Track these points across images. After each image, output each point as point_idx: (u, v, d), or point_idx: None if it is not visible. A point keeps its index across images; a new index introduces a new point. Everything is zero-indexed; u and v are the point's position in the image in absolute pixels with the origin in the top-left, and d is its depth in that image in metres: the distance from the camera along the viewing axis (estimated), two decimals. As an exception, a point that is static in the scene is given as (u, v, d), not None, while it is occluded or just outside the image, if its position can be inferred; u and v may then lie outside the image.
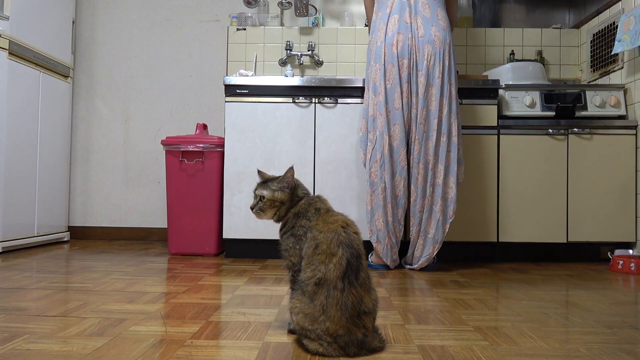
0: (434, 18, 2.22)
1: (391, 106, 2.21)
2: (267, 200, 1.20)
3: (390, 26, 2.22)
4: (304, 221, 1.16)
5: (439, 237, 2.22)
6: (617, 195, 2.57)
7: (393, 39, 2.20)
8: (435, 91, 2.19)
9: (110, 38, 3.39)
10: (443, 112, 2.20)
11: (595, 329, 1.29)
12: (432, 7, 2.23)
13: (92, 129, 3.37)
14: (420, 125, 2.19)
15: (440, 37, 2.19)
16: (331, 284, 1.04)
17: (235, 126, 2.57)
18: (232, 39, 3.30)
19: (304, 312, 1.06)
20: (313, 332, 1.05)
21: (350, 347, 1.04)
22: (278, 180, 1.23)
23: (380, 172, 2.22)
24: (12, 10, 2.60)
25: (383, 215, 2.22)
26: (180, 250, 2.65)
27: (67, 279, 1.90)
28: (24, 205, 2.74)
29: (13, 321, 1.28)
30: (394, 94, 2.20)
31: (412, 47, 2.19)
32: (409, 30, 2.20)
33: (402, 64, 2.19)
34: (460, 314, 1.44)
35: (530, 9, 3.37)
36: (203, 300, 1.57)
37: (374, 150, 2.24)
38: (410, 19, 2.21)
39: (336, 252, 1.06)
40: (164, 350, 1.06)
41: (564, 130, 2.59)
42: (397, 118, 2.21)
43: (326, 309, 1.03)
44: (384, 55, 2.21)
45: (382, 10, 2.28)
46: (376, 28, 2.28)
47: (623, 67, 2.71)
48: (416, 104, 2.20)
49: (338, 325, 1.03)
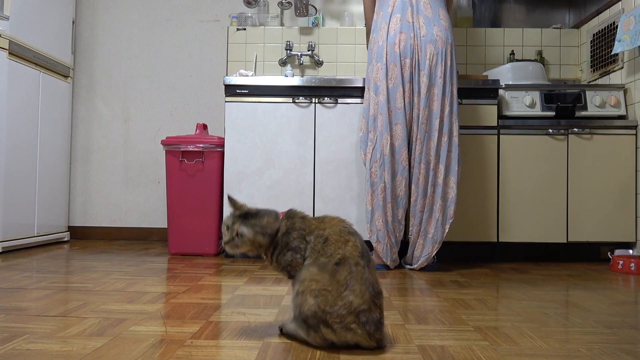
0: (436, 18, 2.22)
1: (393, 105, 2.21)
2: (247, 240, 1.13)
3: (393, 25, 2.22)
4: (296, 233, 1.14)
5: (439, 237, 2.22)
6: (617, 195, 2.57)
7: (395, 38, 2.19)
8: (438, 91, 2.19)
9: (110, 38, 3.39)
10: (445, 112, 2.20)
11: (595, 329, 1.29)
12: (434, 7, 2.23)
13: (92, 129, 3.37)
14: (422, 125, 2.19)
15: (442, 36, 2.20)
16: (352, 260, 1.06)
17: (235, 126, 2.57)
18: (232, 39, 3.30)
19: (326, 289, 1.03)
20: (333, 313, 1.02)
21: (371, 323, 1.04)
22: (260, 220, 1.13)
23: (380, 172, 2.22)
24: (12, 10, 2.60)
25: (383, 215, 2.22)
26: (180, 250, 2.65)
27: (67, 279, 1.90)
28: (24, 205, 2.74)
29: (13, 321, 1.28)
30: (396, 94, 2.20)
31: (414, 46, 2.19)
32: (411, 30, 2.20)
33: (404, 63, 2.19)
34: (460, 314, 1.44)
35: (530, 9, 3.37)
36: (203, 300, 1.57)
37: (374, 150, 2.23)
38: (413, 18, 2.21)
39: (349, 238, 1.10)
40: (164, 350, 1.06)
41: (564, 130, 2.59)
42: (399, 117, 2.20)
43: (350, 283, 1.03)
44: (386, 54, 2.21)
45: (384, 10, 2.27)
46: (378, 27, 2.28)
47: (623, 67, 2.71)
48: (418, 103, 2.20)
49: (362, 300, 1.03)
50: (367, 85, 2.32)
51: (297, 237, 1.13)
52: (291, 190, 2.56)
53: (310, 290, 1.05)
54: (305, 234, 1.14)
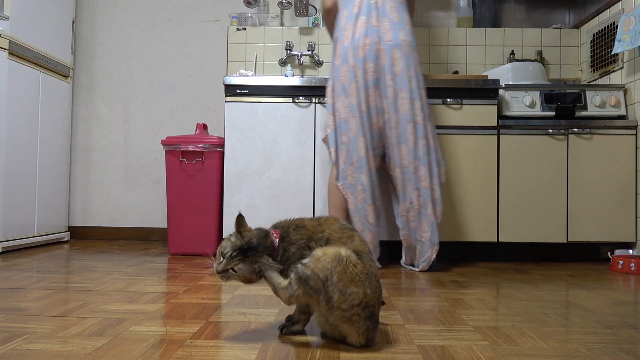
0: (402, 22, 2.20)
1: (360, 109, 2.19)
2: (241, 276, 1.10)
3: (358, 28, 2.19)
4: (294, 248, 1.10)
5: (436, 240, 2.21)
6: (617, 195, 2.57)
7: (359, 41, 2.17)
8: (406, 94, 2.17)
9: (110, 38, 3.39)
10: (418, 117, 2.18)
11: (595, 329, 1.29)
12: (400, 11, 2.21)
13: (92, 129, 3.37)
14: (393, 129, 2.19)
15: (408, 41, 2.18)
16: (367, 256, 1.05)
17: (235, 126, 2.57)
18: (232, 39, 3.30)
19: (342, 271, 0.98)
20: (345, 295, 0.98)
21: (372, 320, 1.04)
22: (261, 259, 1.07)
23: (358, 174, 2.19)
24: (12, 10, 2.60)
25: (363, 217, 2.21)
26: (180, 250, 2.65)
27: (67, 279, 1.90)
28: (24, 205, 2.74)
29: (13, 321, 1.28)
30: (361, 97, 2.18)
31: (378, 51, 2.17)
32: (376, 34, 2.17)
33: (367, 68, 2.17)
34: (460, 314, 1.44)
35: (530, 9, 3.37)
36: (203, 300, 1.57)
37: (349, 152, 2.21)
38: (378, 22, 2.19)
39: (352, 234, 1.09)
40: (164, 350, 1.06)
41: (564, 130, 2.59)
42: (364, 121, 2.19)
43: (370, 275, 1.02)
44: (351, 57, 2.18)
45: (349, 9, 2.24)
46: (343, 27, 2.24)
47: (623, 67, 2.71)
48: (387, 108, 2.19)
49: (374, 295, 1.03)
50: (332, 84, 2.28)
51: (297, 251, 1.10)
52: (291, 190, 2.56)
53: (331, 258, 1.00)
54: (303, 243, 1.10)
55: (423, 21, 3.35)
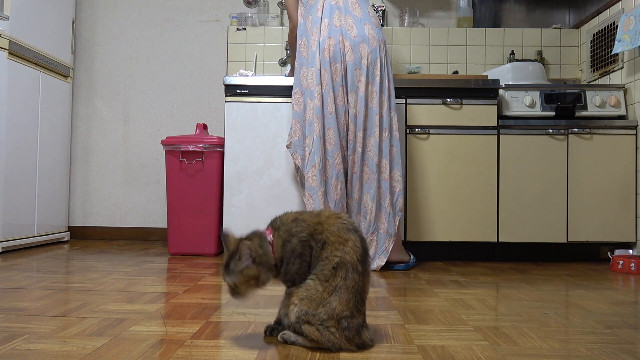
0: (366, 16, 2.23)
1: (325, 111, 2.19)
2: (241, 286, 1.09)
3: (322, 31, 2.21)
4: (296, 239, 1.09)
5: (392, 231, 2.21)
6: (617, 195, 2.57)
7: (325, 44, 2.19)
8: (375, 88, 2.20)
9: (110, 38, 3.39)
10: (383, 108, 2.22)
11: (595, 329, 1.29)
12: (362, 6, 2.25)
13: (92, 129, 3.37)
14: (360, 122, 2.20)
15: (374, 35, 2.21)
16: (351, 266, 1.05)
17: (235, 126, 2.57)
18: (232, 39, 3.30)
19: (310, 298, 1.05)
20: (315, 316, 1.04)
21: (351, 329, 1.05)
22: (238, 261, 1.07)
23: (320, 176, 2.18)
24: (12, 10, 2.60)
25: None
26: (180, 250, 2.65)
27: (67, 279, 1.90)
28: (24, 205, 2.74)
29: (13, 321, 1.28)
30: (327, 99, 2.19)
31: (343, 49, 2.19)
32: (339, 34, 2.20)
33: (334, 68, 2.19)
34: (460, 314, 1.44)
35: (530, 9, 3.37)
36: (203, 300, 1.57)
37: (312, 154, 2.20)
38: (340, 21, 2.21)
39: (348, 237, 1.08)
40: (164, 350, 1.06)
41: (564, 130, 2.59)
42: (331, 122, 2.19)
43: (338, 289, 1.04)
44: (318, 60, 2.19)
45: (313, 14, 2.27)
46: (309, 32, 2.26)
47: (623, 67, 2.71)
48: (355, 102, 2.20)
49: (345, 307, 1.04)
50: (298, 89, 2.30)
51: (298, 243, 1.09)
52: (291, 190, 2.55)
53: (299, 297, 1.07)
54: (305, 239, 1.09)
55: (423, 21, 3.35)
